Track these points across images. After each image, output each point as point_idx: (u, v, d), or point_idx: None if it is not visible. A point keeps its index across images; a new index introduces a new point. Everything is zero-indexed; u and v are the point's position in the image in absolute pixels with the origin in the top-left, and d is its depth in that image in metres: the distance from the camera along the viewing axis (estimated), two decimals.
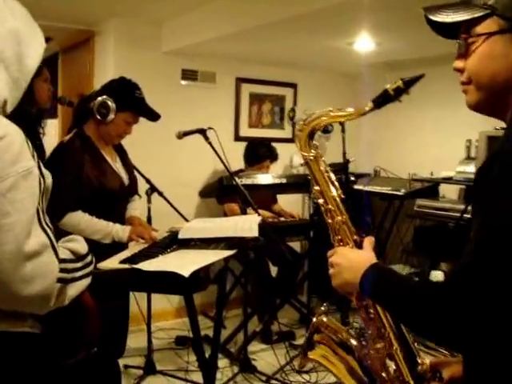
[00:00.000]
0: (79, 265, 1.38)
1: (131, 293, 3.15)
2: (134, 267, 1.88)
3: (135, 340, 3.88)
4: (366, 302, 1.37)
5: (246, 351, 3.52)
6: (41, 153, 2.88)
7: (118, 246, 2.41)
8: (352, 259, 1.33)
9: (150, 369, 3.47)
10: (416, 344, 1.35)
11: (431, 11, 1.13)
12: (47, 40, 4.33)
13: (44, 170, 1.37)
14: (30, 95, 2.97)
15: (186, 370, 3.49)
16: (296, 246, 4.81)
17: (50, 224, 1.30)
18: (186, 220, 3.03)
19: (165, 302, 4.17)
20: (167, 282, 1.82)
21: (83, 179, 2.49)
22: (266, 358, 3.73)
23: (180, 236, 2.40)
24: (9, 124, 1.28)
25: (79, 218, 2.47)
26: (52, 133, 5.01)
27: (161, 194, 3.27)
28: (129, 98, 2.59)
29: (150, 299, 3.52)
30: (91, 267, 1.44)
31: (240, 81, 4.95)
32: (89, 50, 4.73)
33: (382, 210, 4.68)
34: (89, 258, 1.44)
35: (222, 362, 3.64)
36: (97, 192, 2.51)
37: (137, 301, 3.30)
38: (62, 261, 1.29)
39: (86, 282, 1.41)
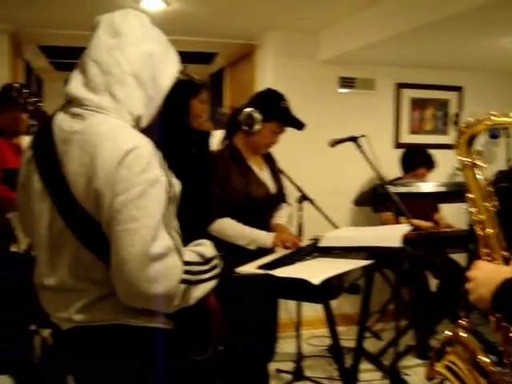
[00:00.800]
0: (205, 267, 1.45)
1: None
2: (269, 273, 1.92)
3: (289, 345, 3.94)
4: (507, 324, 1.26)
5: (396, 365, 3.39)
6: (194, 160, 3.08)
7: (264, 252, 2.47)
8: (489, 273, 1.25)
9: (298, 374, 3.51)
10: None
11: None
12: (213, 56, 4.64)
13: (173, 180, 1.45)
14: (185, 112, 3.21)
15: (330, 378, 3.47)
16: (461, 258, 4.54)
17: (176, 229, 1.39)
18: (337, 228, 3.02)
19: (320, 309, 4.18)
20: (299, 289, 1.84)
21: (230, 188, 2.60)
22: (420, 373, 3.56)
23: (320, 244, 2.41)
24: (139, 137, 1.38)
25: (227, 225, 2.58)
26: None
27: (312, 201, 3.29)
28: (274, 109, 2.65)
29: (300, 306, 3.55)
30: (217, 270, 1.50)
31: (400, 86, 4.82)
32: (251, 63, 4.93)
33: None
34: (215, 261, 1.50)
35: (374, 375, 3.56)
36: (243, 200, 2.61)
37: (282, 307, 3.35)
38: (187, 263, 1.37)
39: (212, 284, 1.47)
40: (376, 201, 3.82)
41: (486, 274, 1.26)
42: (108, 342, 1.42)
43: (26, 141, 2.90)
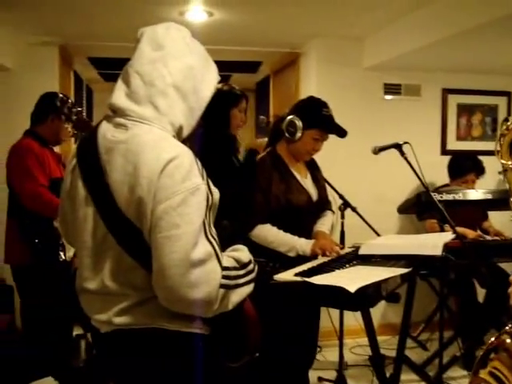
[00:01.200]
0: (242, 272, 1.46)
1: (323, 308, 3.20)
2: (306, 280, 1.92)
3: (332, 354, 3.92)
4: None
5: (441, 376, 3.32)
6: (234, 169, 3.12)
7: (305, 260, 2.47)
8: None
9: (340, 383, 3.47)
10: None
11: None
12: (258, 64, 4.69)
13: (212, 187, 1.48)
14: (226, 121, 3.25)
15: None
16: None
17: (215, 236, 1.41)
18: (379, 236, 2.99)
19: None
20: (335, 297, 1.83)
21: (271, 195, 2.61)
22: None
23: (360, 252, 2.39)
24: (180, 146, 1.42)
25: (267, 231, 2.60)
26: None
27: (354, 209, 3.27)
28: (316, 116, 2.65)
29: (343, 314, 3.52)
30: (253, 275, 1.52)
31: (446, 92, 4.74)
32: (295, 71, 4.94)
33: None
34: (251, 266, 1.52)
35: None
36: (284, 207, 2.61)
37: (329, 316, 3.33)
38: (225, 268, 1.39)
39: (249, 288, 1.49)
40: (420, 208, 3.76)
41: None
42: (145, 346, 1.45)
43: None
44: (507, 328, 1.41)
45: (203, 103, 1.56)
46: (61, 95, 2.96)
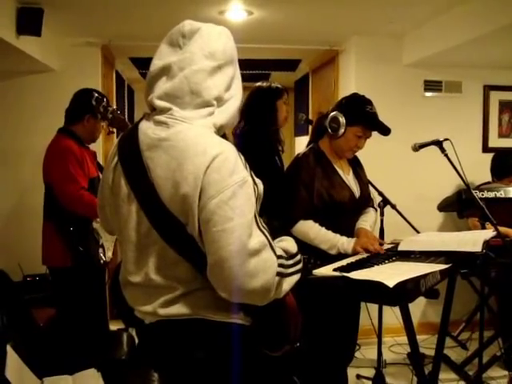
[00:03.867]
0: (291, 262, 1.50)
1: (363, 305, 3.19)
2: (344, 275, 1.93)
3: (371, 352, 3.91)
4: None
5: (481, 376, 3.27)
6: (279, 166, 3.14)
7: (346, 257, 2.47)
8: None
9: (378, 381, 3.46)
10: None
11: None
12: (297, 63, 4.70)
13: (256, 179, 1.51)
14: (274, 114, 3.28)
15: None
16: None
17: (265, 225, 1.44)
18: (418, 233, 2.98)
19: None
20: (374, 292, 1.83)
21: (314, 191, 2.62)
22: None
23: (399, 248, 2.39)
24: (223, 142, 1.46)
25: (309, 227, 2.61)
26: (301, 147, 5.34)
27: (393, 206, 3.26)
28: (359, 113, 2.64)
29: (382, 312, 3.51)
30: (300, 265, 1.55)
31: (488, 88, 4.67)
32: (334, 69, 4.94)
33: None
34: (298, 257, 1.55)
35: None
36: (326, 203, 2.62)
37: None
38: (278, 257, 1.43)
39: (296, 277, 1.53)
40: (461, 206, 3.72)
41: None
42: (189, 336, 1.50)
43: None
44: None
45: (238, 105, 1.60)
46: (96, 94, 2.97)
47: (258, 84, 3.31)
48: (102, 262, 3.13)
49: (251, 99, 3.25)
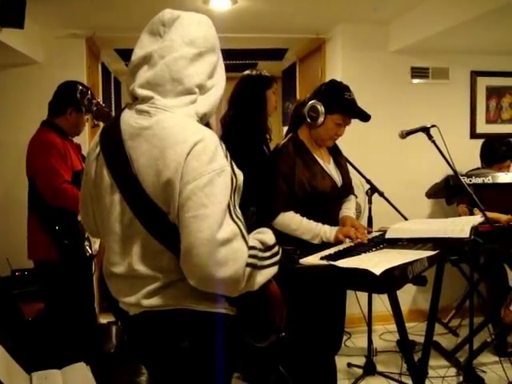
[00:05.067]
0: (267, 254, 1.49)
1: (352, 294, 3.20)
2: (331, 263, 1.92)
3: (362, 340, 3.92)
4: None
5: (472, 362, 3.29)
6: (265, 156, 3.12)
7: (330, 246, 2.46)
8: None
9: (370, 369, 3.48)
10: None
11: None
12: (284, 52, 4.67)
13: (236, 170, 1.50)
14: (263, 103, 3.25)
15: (402, 374, 3.43)
16: None
17: (240, 216, 1.43)
18: (407, 220, 2.98)
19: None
20: (361, 280, 1.81)
21: (295, 182, 2.59)
22: (496, 370, 3.45)
23: (387, 236, 2.38)
24: (204, 129, 1.45)
25: (290, 219, 2.57)
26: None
27: (381, 194, 3.26)
28: (338, 101, 2.60)
29: (371, 300, 3.52)
30: (278, 257, 1.54)
31: (475, 74, 4.68)
32: (320, 57, 4.92)
33: None
34: (276, 249, 1.54)
35: (449, 372, 3.49)
36: (308, 193, 2.58)
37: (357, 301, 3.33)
38: (251, 248, 1.42)
39: (273, 270, 1.52)
40: (449, 192, 3.72)
41: None
42: (173, 326, 1.49)
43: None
44: None
45: (221, 93, 1.59)
46: (80, 87, 2.93)
47: (247, 72, 3.27)
48: (88, 254, 3.10)
49: (240, 87, 3.21)
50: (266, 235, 1.55)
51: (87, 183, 1.61)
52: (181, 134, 1.39)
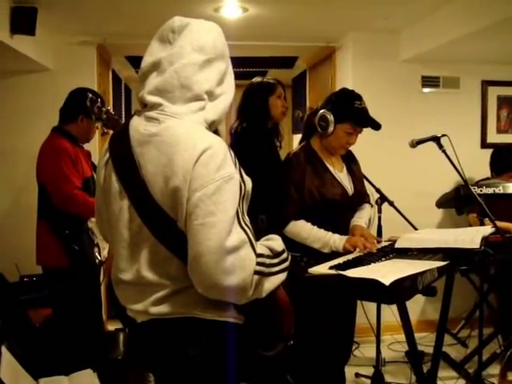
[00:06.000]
0: (276, 261, 1.48)
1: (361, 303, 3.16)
2: (340, 273, 1.91)
3: (370, 350, 3.89)
4: None
5: (481, 374, 3.26)
6: (276, 163, 3.11)
7: (340, 255, 2.44)
8: None
9: (378, 380, 3.44)
10: None
11: None
12: (294, 60, 4.65)
13: (245, 177, 1.50)
14: (266, 111, 3.24)
15: None
16: None
17: (248, 224, 1.43)
18: (416, 230, 2.96)
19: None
20: (370, 290, 1.81)
21: (305, 189, 2.59)
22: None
23: (396, 245, 2.37)
24: (213, 137, 1.45)
25: (301, 227, 2.58)
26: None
27: (391, 203, 3.24)
28: (348, 109, 2.60)
29: (380, 310, 3.49)
30: (286, 264, 1.53)
31: (486, 84, 4.65)
32: (331, 65, 4.92)
33: None
34: (284, 255, 1.53)
35: (458, 383, 3.46)
36: (317, 201, 2.59)
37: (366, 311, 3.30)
38: (259, 255, 1.41)
39: (282, 276, 1.50)
40: (459, 202, 3.70)
41: None
42: (181, 334, 1.48)
43: None
44: None
45: (230, 100, 1.59)
46: (90, 94, 2.94)
47: (251, 81, 3.28)
48: (97, 261, 3.10)
49: (244, 96, 3.22)
50: (275, 242, 1.54)
51: (98, 189, 1.62)
52: (189, 141, 1.39)
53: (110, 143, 1.56)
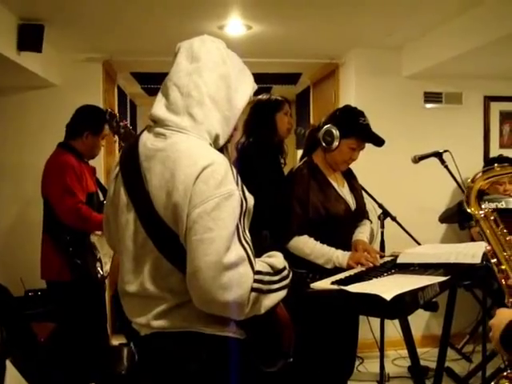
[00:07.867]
0: (276, 278, 1.49)
1: (364, 319, 3.18)
2: (342, 288, 1.93)
3: (374, 365, 3.88)
4: None
5: None
6: (279, 179, 3.14)
7: (343, 271, 2.46)
8: (502, 319, 1.28)
9: None
10: None
11: None
12: (298, 76, 4.69)
13: (247, 194, 1.52)
14: (273, 127, 3.27)
15: None
16: None
17: (248, 241, 1.44)
18: (419, 245, 2.97)
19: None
20: (372, 305, 1.83)
21: (309, 205, 2.61)
22: None
23: (398, 260, 2.38)
24: (215, 153, 1.47)
25: (304, 243, 2.59)
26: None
27: (394, 218, 3.26)
28: (352, 125, 2.64)
29: (384, 325, 3.49)
30: (287, 281, 1.54)
31: (489, 99, 4.67)
32: (334, 82, 4.96)
33: None
34: (285, 273, 1.54)
35: None
36: (322, 217, 2.60)
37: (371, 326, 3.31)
38: (258, 272, 1.42)
39: (282, 294, 1.51)
40: (462, 217, 3.71)
41: (500, 320, 1.32)
42: (182, 349, 1.50)
43: None
44: (505, 373, 1.40)
45: (237, 112, 1.61)
46: (109, 110, 3.00)
47: (258, 97, 3.32)
48: (99, 276, 3.12)
49: (251, 113, 3.26)
50: (276, 259, 1.56)
51: (108, 201, 1.66)
52: (192, 158, 1.41)
53: (121, 157, 1.61)
